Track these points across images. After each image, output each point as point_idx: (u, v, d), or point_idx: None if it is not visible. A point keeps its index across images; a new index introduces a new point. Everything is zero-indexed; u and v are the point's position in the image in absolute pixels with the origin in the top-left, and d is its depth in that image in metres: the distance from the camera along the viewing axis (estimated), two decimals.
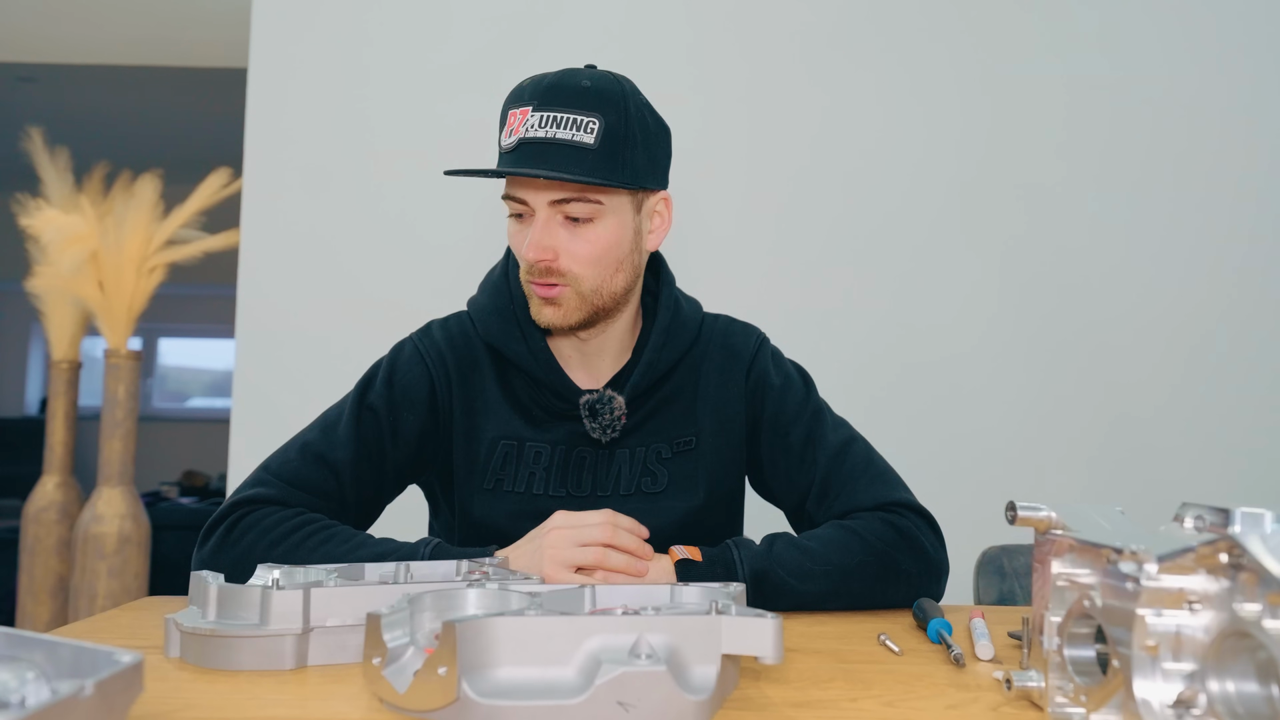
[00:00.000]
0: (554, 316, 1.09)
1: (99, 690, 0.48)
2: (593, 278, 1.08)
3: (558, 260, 1.06)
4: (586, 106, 1.03)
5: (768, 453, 1.19)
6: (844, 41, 2.18)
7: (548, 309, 1.09)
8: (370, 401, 1.14)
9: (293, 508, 1.05)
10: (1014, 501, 0.69)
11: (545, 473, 1.14)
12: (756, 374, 1.20)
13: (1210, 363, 2.15)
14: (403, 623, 0.69)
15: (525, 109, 1.04)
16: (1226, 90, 2.19)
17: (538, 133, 1.03)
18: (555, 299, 1.08)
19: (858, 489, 1.13)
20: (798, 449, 1.17)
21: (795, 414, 1.18)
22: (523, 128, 1.04)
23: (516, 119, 1.05)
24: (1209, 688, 0.54)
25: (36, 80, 4.36)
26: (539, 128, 1.03)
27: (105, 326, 2.58)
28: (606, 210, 1.06)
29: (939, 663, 0.84)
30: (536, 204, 1.06)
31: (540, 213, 1.05)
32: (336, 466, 1.10)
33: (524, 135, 1.03)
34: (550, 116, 1.03)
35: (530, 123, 1.03)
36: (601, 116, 1.03)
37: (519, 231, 1.09)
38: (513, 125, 1.05)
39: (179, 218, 2.59)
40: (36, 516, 2.69)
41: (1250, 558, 0.52)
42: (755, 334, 1.25)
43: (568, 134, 1.02)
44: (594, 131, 1.03)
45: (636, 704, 0.61)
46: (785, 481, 1.18)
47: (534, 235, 1.05)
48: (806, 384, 1.22)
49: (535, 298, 1.10)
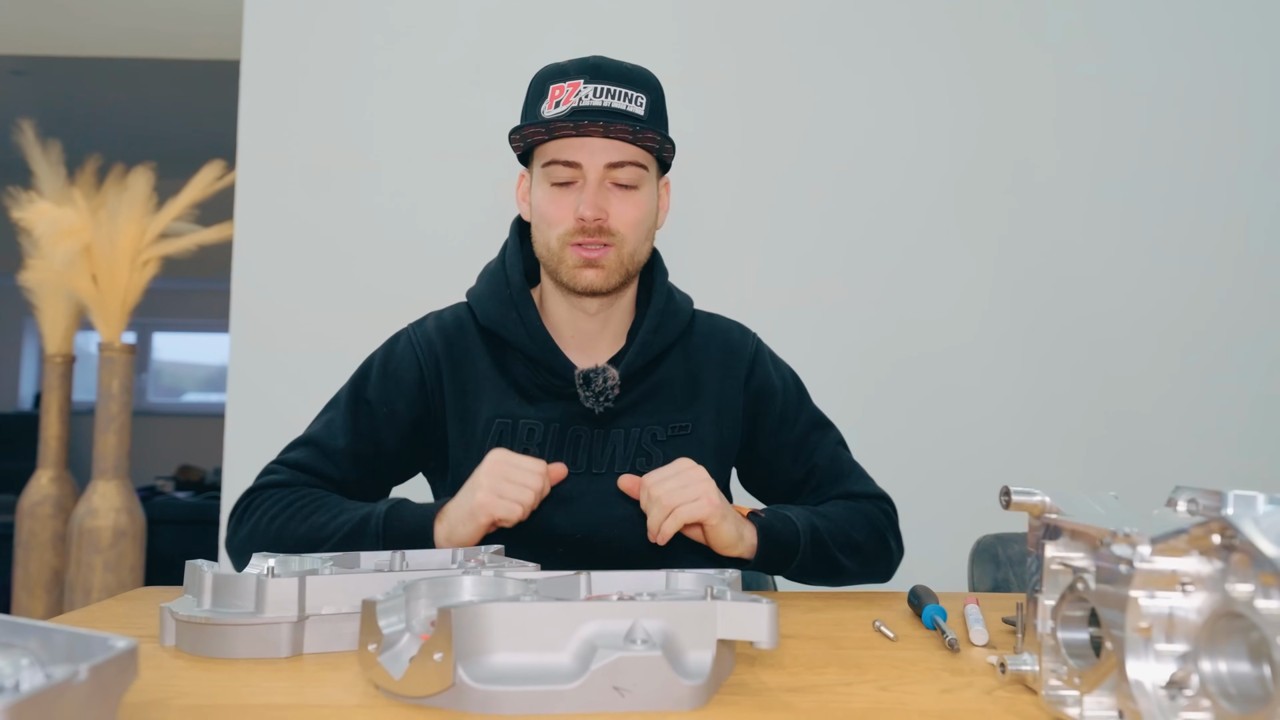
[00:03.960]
0: (595, 278, 1.13)
1: (93, 675, 0.48)
2: (633, 240, 1.14)
3: (608, 220, 1.11)
4: (635, 84, 1.12)
5: (765, 449, 1.25)
6: (834, 36, 2.17)
7: (589, 271, 1.13)
8: (365, 393, 1.19)
9: (294, 487, 1.13)
10: (1008, 486, 0.69)
11: (539, 449, 1.17)
12: (759, 375, 1.25)
13: (1205, 355, 2.16)
14: (398, 609, 0.69)
15: (574, 82, 1.10)
16: (1220, 83, 2.19)
17: (593, 101, 1.10)
18: (598, 261, 1.12)
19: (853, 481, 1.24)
20: (793, 448, 1.24)
21: (794, 415, 1.25)
22: (574, 98, 1.10)
23: (564, 91, 1.10)
24: (1202, 668, 0.55)
25: (28, 73, 4.33)
26: (594, 97, 1.10)
27: (99, 320, 2.57)
28: (647, 179, 1.14)
29: (933, 648, 0.84)
30: (592, 165, 1.11)
31: (593, 175, 1.11)
32: (335, 456, 1.17)
33: (577, 104, 1.10)
34: (604, 89, 1.10)
35: (584, 93, 1.10)
36: (647, 94, 1.13)
37: (561, 198, 1.13)
38: (559, 97, 1.11)
39: (172, 211, 2.58)
40: (31, 511, 2.69)
41: (1243, 539, 0.52)
42: (751, 334, 1.30)
43: (622, 104, 1.10)
44: (643, 105, 1.12)
45: (632, 689, 0.61)
46: (780, 477, 1.25)
47: (589, 196, 1.10)
48: (799, 386, 1.29)
49: (575, 261, 1.13)
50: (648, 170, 1.14)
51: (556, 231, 1.13)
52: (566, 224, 1.12)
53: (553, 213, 1.13)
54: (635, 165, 1.12)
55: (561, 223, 1.12)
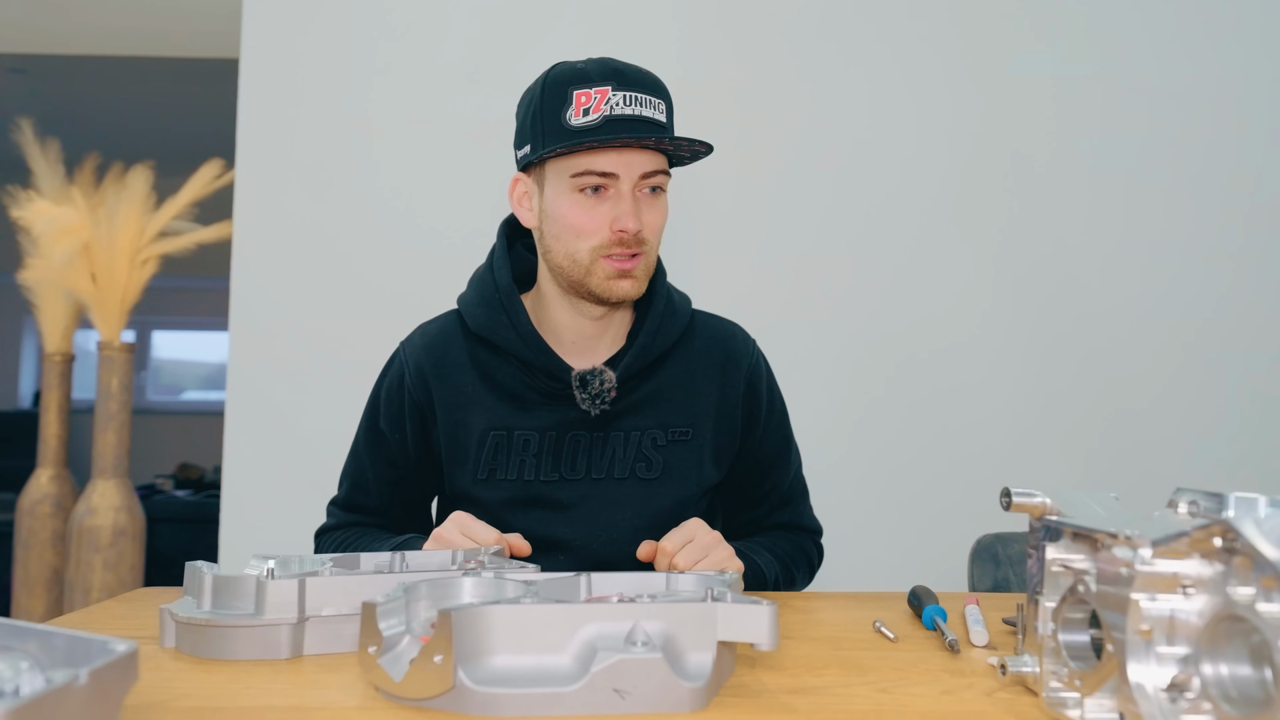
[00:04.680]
0: (631, 288, 1.12)
1: (93, 679, 0.48)
2: (656, 247, 1.15)
3: (642, 230, 1.11)
4: (655, 90, 1.12)
5: (741, 460, 1.25)
6: (833, 34, 2.17)
7: (624, 282, 1.11)
8: (378, 424, 1.23)
9: (343, 530, 1.23)
10: (1009, 488, 0.69)
11: (536, 459, 1.16)
12: (755, 385, 1.25)
13: (1206, 354, 2.15)
14: (398, 611, 0.69)
15: (602, 89, 1.08)
16: (1220, 80, 2.19)
17: (624, 110, 1.08)
18: (632, 271, 1.11)
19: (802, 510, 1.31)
20: (765, 464, 1.26)
21: (774, 432, 1.27)
22: (605, 105, 1.08)
23: (591, 98, 1.08)
24: (1203, 671, 0.55)
25: (27, 71, 4.33)
26: (625, 105, 1.08)
27: (98, 318, 2.57)
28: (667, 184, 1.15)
29: (934, 649, 0.84)
30: (628, 177, 1.09)
31: (628, 185, 1.09)
32: (369, 488, 1.23)
33: (609, 112, 1.08)
34: (633, 96, 1.09)
35: (614, 100, 1.08)
36: (665, 100, 1.13)
37: (593, 208, 1.10)
38: (587, 104, 1.08)
39: (171, 209, 2.57)
40: (31, 510, 2.69)
41: (1244, 542, 0.52)
42: (752, 341, 1.29)
43: (650, 112, 1.10)
44: (663, 111, 1.12)
45: (632, 691, 0.61)
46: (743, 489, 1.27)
47: (629, 207, 1.09)
48: (783, 404, 1.31)
49: (608, 273, 1.11)
50: (670, 176, 1.15)
51: (589, 244, 1.10)
52: (600, 235, 1.09)
53: (585, 223, 1.10)
54: (663, 173, 1.12)
55: (595, 234, 1.10)
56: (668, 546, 1.02)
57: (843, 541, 1.51)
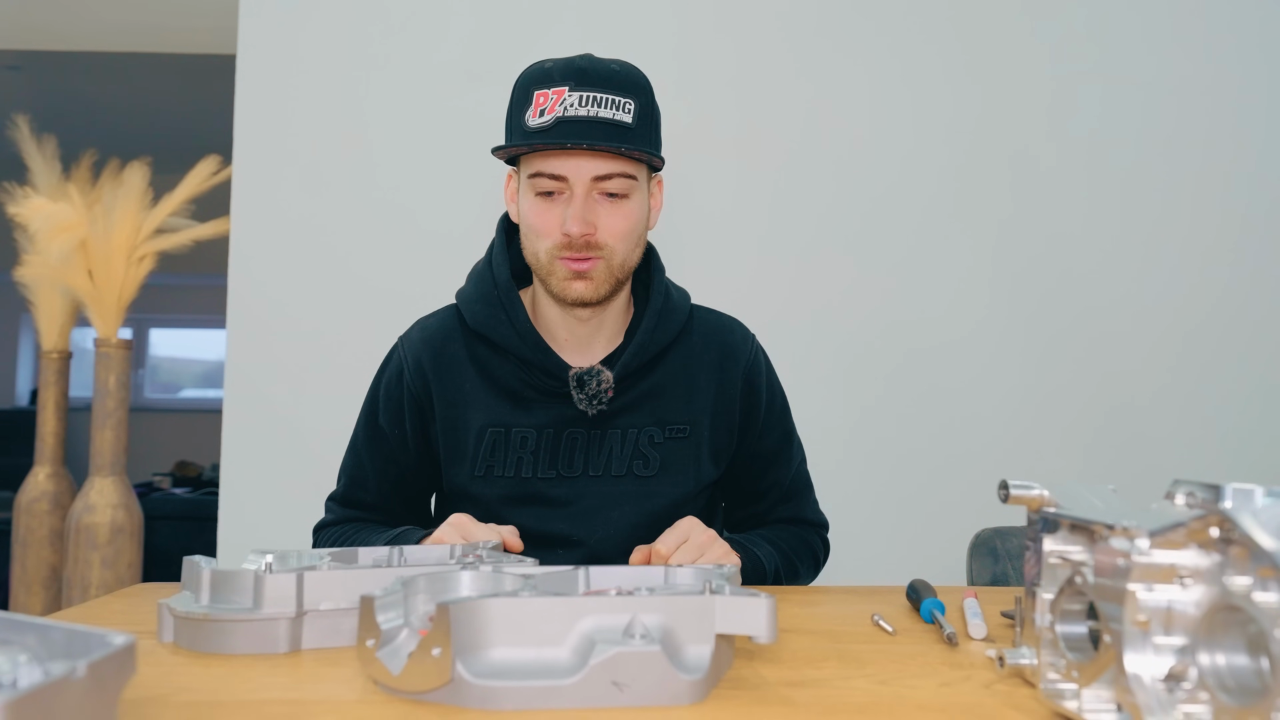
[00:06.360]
0: (585, 290, 1.11)
1: (91, 671, 0.48)
2: (623, 251, 1.12)
3: (596, 234, 1.09)
4: (622, 89, 1.08)
5: (740, 455, 1.25)
6: (832, 30, 2.17)
7: (579, 283, 1.11)
8: (378, 420, 1.23)
9: (340, 525, 1.23)
10: (1006, 480, 0.69)
11: (533, 456, 1.16)
12: (754, 380, 1.25)
13: (1204, 348, 2.16)
14: (397, 605, 0.69)
15: (559, 89, 1.06)
16: (1218, 76, 2.19)
17: (579, 111, 1.06)
18: (587, 273, 1.10)
19: (806, 504, 1.31)
20: (765, 459, 1.26)
21: (774, 426, 1.27)
22: (559, 106, 1.06)
23: (549, 99, 1.07)
24: (1200, 662, 0.55)
25: (22, 68, 4.31)
26: (579, 106, 1.06)
27: (95, 316, 2.56)
28: (637, 186, 1.11)
29: (932, 642, 0.84)
30: (578, 180, 1.08)
31: (580, 188, 1.08)
32: (367, 484, 1.24)
33: (562, 114, 1.06)
34: (590, 96, 1.06)
35: (569, 101, 1.06)
36: (635, 99, 1.09)
37: (547, 210, 1.10)
38: (544, 105, 1.07)
39: (168, 206, 2.56)
40: (28, 507, 2.68)
41: (1241, 532, 0.52)
42: (751, 336, 1.29)
43: (609, 113, 1.07)
44: (631, 112, 1.08)
45: (631, 684, 0.61)
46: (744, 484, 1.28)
47: (576, 210, 1.08)
48: (784, 398, 1.31)
49: (564, 274, 1.11)
50: (637, 179, 1.10)
51: (544, 244, 1.10)
52: (554, 237, 1.09)
53: (540, 225, 1.11)
54: (623, 176, 1.09)
55: (549, 235, 1.10)
56: (662, 549, 1.01)
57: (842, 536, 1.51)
